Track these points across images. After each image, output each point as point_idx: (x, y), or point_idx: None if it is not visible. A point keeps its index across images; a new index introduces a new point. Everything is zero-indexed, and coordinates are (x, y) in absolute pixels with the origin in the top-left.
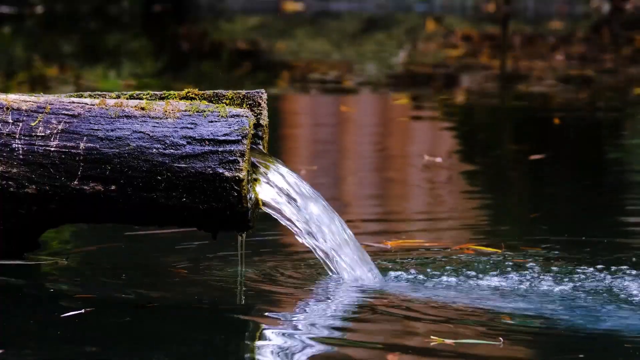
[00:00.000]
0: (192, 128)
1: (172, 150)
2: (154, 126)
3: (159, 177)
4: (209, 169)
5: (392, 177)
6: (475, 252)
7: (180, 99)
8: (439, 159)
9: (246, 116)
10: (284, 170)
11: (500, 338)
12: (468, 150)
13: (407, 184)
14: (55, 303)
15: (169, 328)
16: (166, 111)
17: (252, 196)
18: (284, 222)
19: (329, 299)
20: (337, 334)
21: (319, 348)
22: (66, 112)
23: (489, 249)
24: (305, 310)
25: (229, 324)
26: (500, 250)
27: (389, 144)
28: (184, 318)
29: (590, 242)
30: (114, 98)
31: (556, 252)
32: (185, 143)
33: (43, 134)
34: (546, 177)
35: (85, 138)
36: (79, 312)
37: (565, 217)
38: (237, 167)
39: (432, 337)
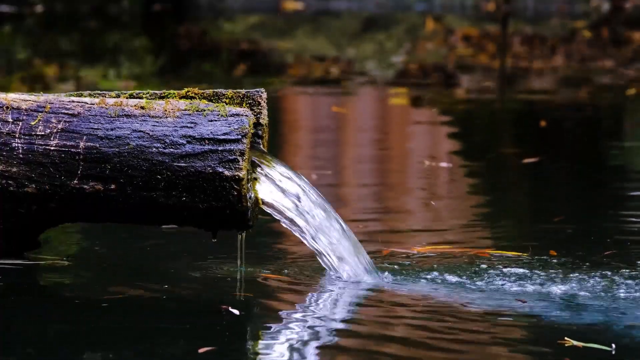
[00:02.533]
0: (191, 127)
1: (172, 150)
2: (154, 125)
3: (159, 176)
4: (209, 168)
5: (398, 182)
6: (515, 257)
7: (180, 98)
8: (444, 164)
9: (246, 115)
10: (283, 169)
11: (613, 344)
12: (469, 153)
13: (413, 189)
14: (54, 303)
15: (169, 327)
16: (166, 110)
17: (252, 195)
18: (283, 220)
19: (329, 297)
20: (337, 332)
21: (319, 347)
22: (66, 112)
23: (514, 253)
24: (304, 309)
25: (228, 323)
26: (526, 254)
27: (389, 145)
28: (183, 317)
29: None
30: (114, 97)
31: (609, 257)
32: (185, 142)
33: (43, 133)
34: (549, 179)
35: (85, 137)
36: (233, 311)
37: (583, 220)
38: (237, 166)
39: (566, 338)
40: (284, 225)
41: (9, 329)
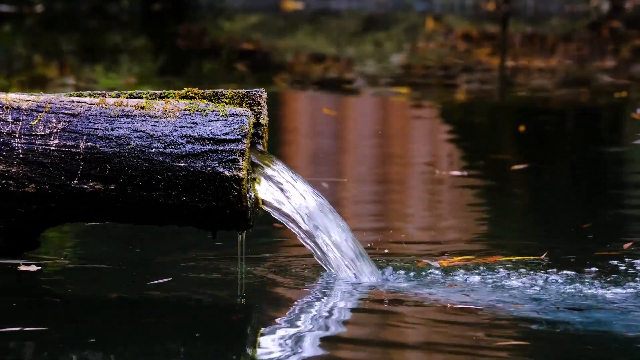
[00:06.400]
0: (191, 127)
1: (172, 150)
2: (154, 125)
3: (159, 176)
4: (209, 168)
5: (403, 189)
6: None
7: (180, 98)
8: (456, 172)
9: (246, 115)
10: (283, 169)
11: None
12: (470, 156)
13: (421, 197)
14: (54, 303)
15: (169, 327)
16: (166, 110)
17: (252, 195)
18: (283, 220)
19: (328, 297)
20: (336, 332)
21: (319, 346)
22: (66, 111)
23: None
24: (304, 309)
25: (229, 324)
26: (545, 257)
27: (391, 148)
28: (183, 317)
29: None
30: (114, 97)
31: None
32: (185, 142)
33: (43, 133)
34: (551, 182)
35: (85, 137)
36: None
37: (599, 225)
38: (237, 166)
39: None
40: (286, 225)
41: (9, 329)
